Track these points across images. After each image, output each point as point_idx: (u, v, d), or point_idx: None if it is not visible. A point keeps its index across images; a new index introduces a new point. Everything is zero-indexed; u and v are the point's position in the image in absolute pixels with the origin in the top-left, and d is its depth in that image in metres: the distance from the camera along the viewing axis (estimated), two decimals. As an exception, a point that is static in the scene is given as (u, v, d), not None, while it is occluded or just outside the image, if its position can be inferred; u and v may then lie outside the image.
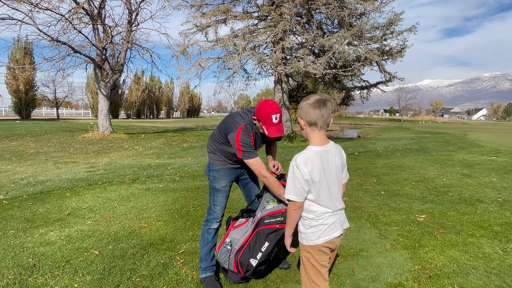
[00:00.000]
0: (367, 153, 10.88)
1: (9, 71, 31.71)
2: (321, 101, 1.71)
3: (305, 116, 1.72)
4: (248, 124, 2.39)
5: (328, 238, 1.77)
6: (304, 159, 1.70)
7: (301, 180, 1.68)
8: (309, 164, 1.68)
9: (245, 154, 2.35)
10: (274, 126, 2.27)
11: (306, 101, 1.74)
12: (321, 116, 1.69)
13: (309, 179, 1.68)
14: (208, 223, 2.65)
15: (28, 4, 12.38)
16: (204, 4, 16.38)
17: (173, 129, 23.09)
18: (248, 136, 2.35)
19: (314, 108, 1.70)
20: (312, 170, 1.69)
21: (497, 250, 3.08)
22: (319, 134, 1.74)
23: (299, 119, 1.76)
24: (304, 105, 1.74)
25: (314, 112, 1.69)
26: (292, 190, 1.71)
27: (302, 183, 1.68)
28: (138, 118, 50.17)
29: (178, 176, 6.93)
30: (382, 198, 4.99)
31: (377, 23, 15.31)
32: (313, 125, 1.71)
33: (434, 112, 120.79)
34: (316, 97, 1.74)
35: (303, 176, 1.67)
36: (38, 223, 3.95)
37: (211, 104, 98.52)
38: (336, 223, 1.80)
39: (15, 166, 7.81)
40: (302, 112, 1.74)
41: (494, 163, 7.98)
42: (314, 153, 1.72)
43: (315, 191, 1.72)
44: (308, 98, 1.76)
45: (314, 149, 1.73)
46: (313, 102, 1.71)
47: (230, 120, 2.47)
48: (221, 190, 2.61)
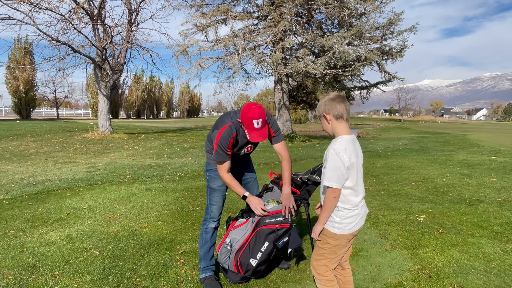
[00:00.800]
0: (367, 153, 10.88)
1: (9, 71, 31.72)
2: (341, 96, 1.87)
3: (331, 111, 1.84)
4: (234, 125, 2.37)
5: (359, 227, 1.91)
6: (343, 146, 1.80)
7: (341, 167, 1.77)
8: (348, 151, 1.79)
9: (216, 154, 2.38)
10: (255, 131, 2.24)
11: (328, 98, 1.87)
12: (346, 108, 1.84)
13: (349, 165, 1.78)
14: (206, 222, 2.65)
15: (28, 4, 12.38)
16: (204, 4, 16.39)
17: (173, 129, 23.10)
18: (229, 137, 2.34)
19: (338, 102, 1.83)
20: (350, 156, 1.80)
21: (497, 250, 3.08)
22: (345, 126, 1.87)
23: (325, 115, 1.87)
24: (327, 101, 1.86)
25: (339, 106, 1.83)
26: (332, 177, 1.78)
27: (343, 170, 1.77)
28: (138, 118, 50.18)
29: (178, 176, 6.93)
30: (382, 198, 4.99)
31: (377, 23, 15.32)
32: (340, 117, 1.84)
33: (434, 112, 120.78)
34: (335, 93, 1.90)
35: (343, 163, 1.77)
36: (38, 223, 3.95)
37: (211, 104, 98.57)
38: (365, 213, 1.96)
39: (15, 166, 7.81)
40: (327, 107, 1.86)
41: (494, 163, 7.98)
42: (348, 141, 1.84)
43: (352, 177, 1.82)
44: (328, 95, 1.89)
45: (347, 137, 1.85)
46: (335, 97, 1.85)
47: (220, 119, 2.49)
48: (217, 189, 2.61)
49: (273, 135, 2.51)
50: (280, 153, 2.53)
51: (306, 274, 2.74)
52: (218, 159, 2.40)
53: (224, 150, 2.35)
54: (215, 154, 2.39)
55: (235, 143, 2.42)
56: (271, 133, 2.50)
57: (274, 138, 2.52)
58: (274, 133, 2.50)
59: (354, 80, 17.87)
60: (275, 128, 2.51)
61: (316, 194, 5.21)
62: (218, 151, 2.35)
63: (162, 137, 15.64)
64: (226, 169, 2.43)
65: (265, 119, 2.27)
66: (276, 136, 2.52)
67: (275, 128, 2.51)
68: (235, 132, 2.37)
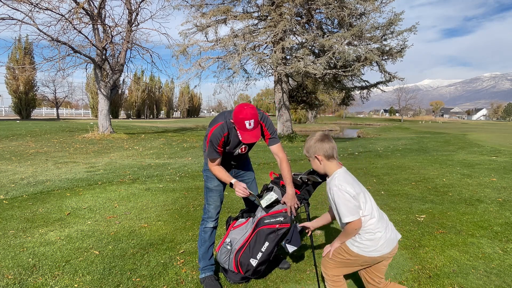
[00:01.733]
0: (367, 153, 10.88)
1: (9, 71, 31.73)
2: (327, 136, 1.99)
3: (322, 152, 1.95)
4: (226, 124, 2.39)
5: (382, 253, 1.90)
6: (343, 180, 1.88)
7: (350, 199, 1.83)
8: (349, 182, 1.88)
9: (208, 151, 2.44)
10: (247, 132, 2.24)
11: (315, 139, 1.96)
12: (333, 147, 1.95)
13: (355, 194, 1.84)
14: (204, 222, 2.66)
15: (28, 4, 12.38)
16: (204, 4, 16.38)
17: (173, 129, 23.10)
18: (220, 136, 2.37)
19: (326, 142, 1.95)
20: (353, 185, 1.88)
21: (497, 250, 3.08)
22: (335, 162, 1.98)
23: (317, 156, 1.97)
24: (316, 143, 1.95)
25: (328, 146, 1.94)
26: (347, 212, 1.83)
27: (352, 201, 1.84)
28: (138, 118, 50.17)
29: (178, 176, 6.93)
30: (382, 198, 4.99)
31: (377, 23, 15.30)
32: (331, 157, 1.95)
33: (434, 112, 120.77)
34: (320, 133, 2.02)
35: (350, 194, 1.84)
36: (38, 223, 3.95)
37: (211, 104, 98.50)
38: (391, 238, 1.93)
39: (15, 166, 7.81)
40: (316, 149, 1.96)
41: (494, 163, 7.98)
42: (344, 173, 1.94)
43: (363, 203, 1.88)
44: (314, 136, 2.00)
45: (340, 171, 1.95)
46: (322, 138, 1.97)
47: (214, 118, 2.53)
48: (214, 189, 2.61)
49: (269, 137, 2.50)
50: (277, 154, 2.53)
51: (306, 274, 2.74)
52: (208, 156, 2.45)
53: (215, 148, 2.39)
54: (206, 151, 2.45)
55: (226, 142, 2.44)
56: (267, 135, 2.50)
57: (271, 140, 2.51)
58: (270, 135, 2.50)
59: (354, 80, 17.84)
60: (272, 130, 2.50)
61: (316, 194, 5.21)
62: (209, 148, 2.41)
63: (162, 137, 15.64)
64: (215, 163, 2.50)
65: (257, 119, 2.27)
66: (272, 138, 2.51)
67: (271, 130, 2.50)
68: (226, 131, 2.39)
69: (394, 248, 1.94)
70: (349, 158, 9.68)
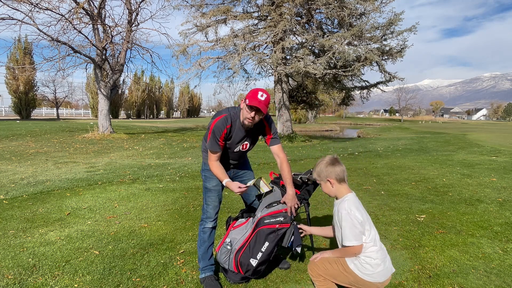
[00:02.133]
0: (367, 153, 10.88)
1: (9, 71, 31.73)
2: (337, 159, 2.01)
3: (334, 175, 1.97)
4: (229, 116, 2.43)
5: (376, 280, 1.91)
6: (353, 205, 1.91)
7: (357, 225, 1.89)
8: (358, 208, 1.93)
9: (209, 142, 2.45)
10: (257, 99, 2.30)
11: (325, 163, 1.99)
12: (343, 170, 1.98)
13: (362, 220, 1.88)
14: (203, 222, 2.66)
15: (28, 4, 12.39)
16: (204, 4, 16.39)
17: (173, 129, 23.10)
18: (223, 126, 2.40)
19: (337, 166, 1.98)
20: (362, 212, 1.93)
21: (497, 250, 3.08)
22: (346, 186, 2.02)
23: (329, 180, 1.99)
24: (327, 167, 1.97)
25: (339, 169, 1.97)
26: (352, 236, 1.89)
27: (359, 227, 1.89)
28: (138, 118, 50.17)
29: (178, 176, 6.93)
30: (382, 198, 4.99)
31: (377, 23, 15.31)
32: (342, 180, 1.98)
33: (434, 112, 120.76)
34: (330, 156, 2.03)
35: (358, 220, 1.89)
36: (38, 223, 3.95)
37: (211, 104, 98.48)
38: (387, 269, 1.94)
39: (15, 166, 7.81)
40: (328, 173, 1.98)
41: (494, 163, 7.98)
42: (354, 199, 1.98)
43: (367, 231, 1.91)
44: (324, 160, 2.02)
45: (351, 196, 1.99)
46: (333, 161, 1.99)
47: (217, 112, 2.56)
48: (212, 189, 2.62)
49: (271, 137, 2.56)
50: (278, 155, 2.57)
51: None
52: (210, 147, 2.46)
53: (217, 140, 2.41)
54: (208, 142, 2.46)
55: (228, 135, 2.46)
56: (269, 135, 2.56)
57: (272, 140, 2.56)
58: (272, 135, 2.56)
59: (354, 80, 17.85)
60: (274, 131, 2.57)
61: (316, 194, 5.21)
62: (211, 139, 2.43)
63: (162, 137, 15.64)
64: (215, 158, 2.50)
65: (269, 101, 2.36)
66: (274, 138, 2.57)
67: (273, 130, 2.57)
68: (229, 123, 2.43)
69: (387, 279, 1.95)
70: (349, 158, 9.68)
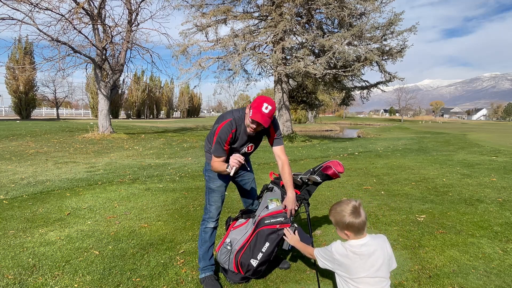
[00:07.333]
0: (367, 153, 10.88)
1: (9, 71, 31.70)
2: (357, 208, 1.78)
3: (352, 230, 1.78)
4: (234, 120, 2.43)
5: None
6: (346, 250, 1.83)
7: (330, 256, 1.88)
8: (354, 259, 1.79)
9: (214, 147, 2.44)
10: (260, 113, 2.29)
11: (346, 213, 1.77)
12: (364, 222, 1.78)
13: (343, 263, 1.85)
14: (205, 222, 2.66)
15: (28, 4, 12.38)
16: (204, 4, 16.38)
17: (173, 129, 23.09)
18: (228, 131, 2.40)
19: (357, 218, 1.76)
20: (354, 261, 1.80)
21: (497, 250, 3.08)
22: (363, 234, 1.82)
23: (346, 233, 1.80)
24: (347, 218, 1.77)
25: (358, 221, 1.76)
26: (320, 256, 1.95)
27: (329, 259, 1.89)
28: (138, 118, 50.16)
29: (178, 176, 6.93)
30: (382, 198, 4.99)
31: (377, 23, 15.31)
32: (360, 233, 1.80)
33: (434, 112, 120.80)
34: (352, 205, 1.79)
35: (333, 257, 1.87)
36: (38, 223, 3.95)
37: (211, 104, 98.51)
38: None
39: (15, 166, 7.81)
40: (347, 227, 1.78)
41: (494, 163, 7.98)
42: (360, 248, 1.80)
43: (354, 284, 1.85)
44: (344, 206, 1.80)
45: (359, 244, 1.81)
46: (353, 211, 1.77)
47: (221, 115, 2.55)
48: (216, 190, 2.62)
49: (275, 137, 2.55)
50: (279, 156, 2.55)
51: (306, 274, 2.74)
52: (215, 153, 2.45)
53: (222, 144, 2.40)
54: (213, 147, 2.45)
55: (234, 139, 2.46)
56: (273, 135, 2.55)
57: (276, 141, 2.56)
58: (276, 136, 2.55)
59: (354, 80, 17.85)
60: (278, 132, 2.56)
61: (316, 194, 5.19)
62: (216, 145, 2.42)
63: (162, 137, 15.64)
64: (217, 163, 2.48)
65: (274, 112, 2.35)
66: (277, 139, 2.56)
67: (278, 132, 2.56)
68: (235, 127, 2.42)
69: None
70: (349, 158, 9.68)
